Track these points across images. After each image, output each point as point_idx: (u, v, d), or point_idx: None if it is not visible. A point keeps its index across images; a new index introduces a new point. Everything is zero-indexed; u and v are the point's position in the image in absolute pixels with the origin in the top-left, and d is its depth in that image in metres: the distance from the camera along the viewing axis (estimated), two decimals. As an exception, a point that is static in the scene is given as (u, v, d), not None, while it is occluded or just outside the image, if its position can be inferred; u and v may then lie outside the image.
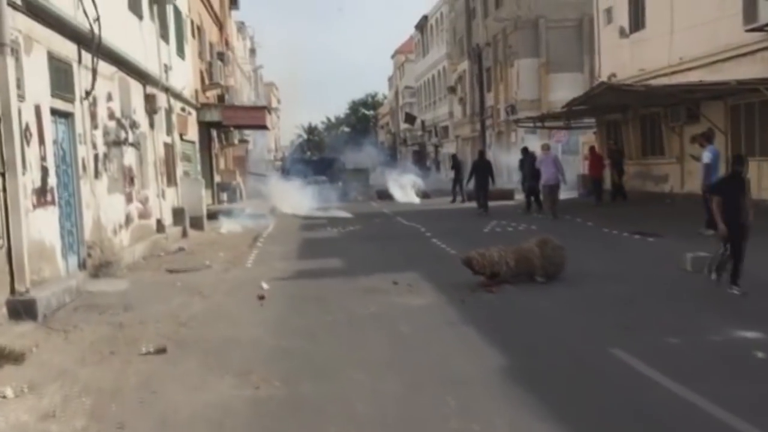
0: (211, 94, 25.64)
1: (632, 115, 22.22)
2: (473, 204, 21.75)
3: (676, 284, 8.80)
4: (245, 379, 5.61)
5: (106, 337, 7.12)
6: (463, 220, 19.18)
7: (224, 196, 25.81)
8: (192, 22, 22.29)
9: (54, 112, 9.57)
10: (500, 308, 7.87)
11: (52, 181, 9.18)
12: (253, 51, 54.50)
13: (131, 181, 13.49)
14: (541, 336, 6.61)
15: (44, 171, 8.91)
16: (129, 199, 13.23)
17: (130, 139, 13.38)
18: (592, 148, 23.09)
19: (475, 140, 39.95)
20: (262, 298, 8.93)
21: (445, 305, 8.18)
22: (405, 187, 29.77)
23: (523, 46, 33.96)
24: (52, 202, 9.17)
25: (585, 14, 32.40)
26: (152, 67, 15.34)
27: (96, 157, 11.34)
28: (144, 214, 14.22)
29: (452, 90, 47.18)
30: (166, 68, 16.83)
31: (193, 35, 22.66)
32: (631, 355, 5.80)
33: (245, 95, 42.91)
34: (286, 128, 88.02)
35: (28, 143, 8.38)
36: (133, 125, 13.72)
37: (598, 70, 24.95)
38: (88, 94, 10.83)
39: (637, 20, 21.59)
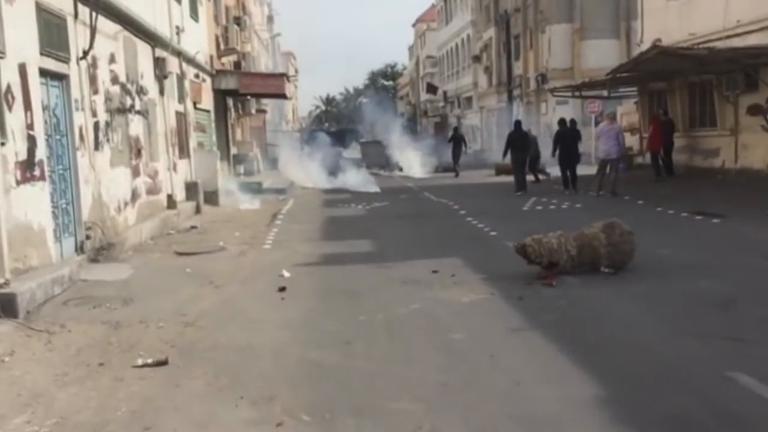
0: (227, 61, 24.31)
1: (680, 83, 20.57)
2: (504, 179, 20.34)
3: (772, 279, 7.43)
4: (265, 410, 4.38)
5: (96, 342, 5.93)
6: (497, 197, 17.79)
7: (241, 168, 24.70)
8: (206, -18, 20.88)
9: (44, 73, 8.32)
10: (569, 309, 6.52)
11: (41, 152, 7.95)
12: (270, 18, 52.78)
13: (138, 152, 12.25)
14: (632, 352, 5.24)
15: (31, 141, 7.68)
16: (135, 173, 12.01)
17: (137, 106, 12.15)
18: (654, 118, 20.25)
19: (502, 111, 38.36)
20: (283, 289, 7.70)
21: (500, 303, 6.88)
22: (415, 160, 29.34)
23: (556, 11, 32.18)
24: (42, 177, 7.95)
25: (623, -23, 30.67)
26: (162, 29, 14.03)
27: (96, 125, 10.10)
28: (153, 189, 13.01)
29: (477, 59, 45.37)
30: (178, 30, 15.52)
31: (208, -3, 21.26)
32: (759, 382, 4.49)
33: (263, 64, 41.43)
34: (304, 99, 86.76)
35: (9, 108, 7.15)
36: (141, 91, 12.47)
37: (639, 35, 23.23)
38: (86, 53, 9.55)
39: (686, -20, 19.89)
